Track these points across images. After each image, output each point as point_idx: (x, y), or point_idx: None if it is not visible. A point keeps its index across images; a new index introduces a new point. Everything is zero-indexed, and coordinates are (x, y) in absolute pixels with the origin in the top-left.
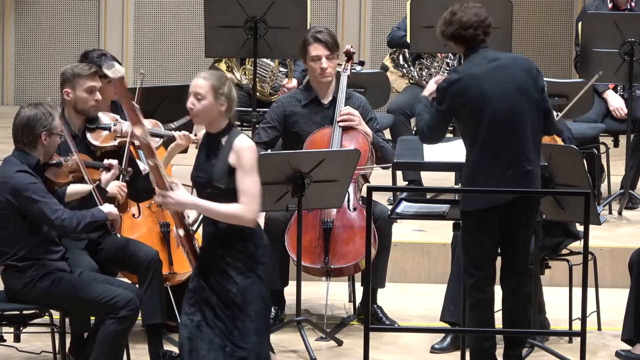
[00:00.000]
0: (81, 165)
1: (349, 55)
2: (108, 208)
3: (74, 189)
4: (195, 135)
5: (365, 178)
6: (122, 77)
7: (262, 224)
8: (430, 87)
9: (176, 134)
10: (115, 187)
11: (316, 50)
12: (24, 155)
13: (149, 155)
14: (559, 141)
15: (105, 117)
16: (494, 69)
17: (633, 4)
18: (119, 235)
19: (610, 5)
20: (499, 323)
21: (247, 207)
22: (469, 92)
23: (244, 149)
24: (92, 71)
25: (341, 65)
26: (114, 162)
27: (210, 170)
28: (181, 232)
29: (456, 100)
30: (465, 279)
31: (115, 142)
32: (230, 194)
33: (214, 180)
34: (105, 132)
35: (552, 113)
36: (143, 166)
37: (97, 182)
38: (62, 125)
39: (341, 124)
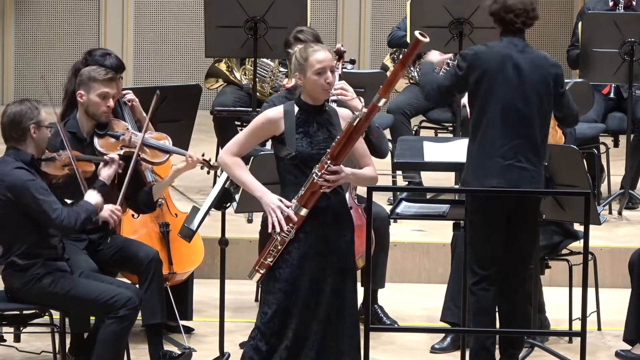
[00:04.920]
0: (72, 159)
1: (340, 54)
2: (93, 198)
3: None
4: (203, 155)
5: None
6: None
7: (258, 224)
8: (434, 56)
9: (187, 155)
10: (107, 211)
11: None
12: (17, 152)
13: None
14: (560, 134)
15: (116, 125)
16: (518, 56)
17: (634, 3)
18: (100, 223)
19: (611, 3)
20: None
21: (374, 167)
22: (488, 65)
23: (351, 114)
24: (107, 77)
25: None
26: (115, 156)
27: (334, 140)
28: (305, 212)
29: (474, 71)
30: (468, 277)
31: (121, 152)
32: None
33: None
34: (113, 140)
35: (566, 107)
36: (152, 177)
37: (92, 175)
38: (59, 123)
39: (334, 97)
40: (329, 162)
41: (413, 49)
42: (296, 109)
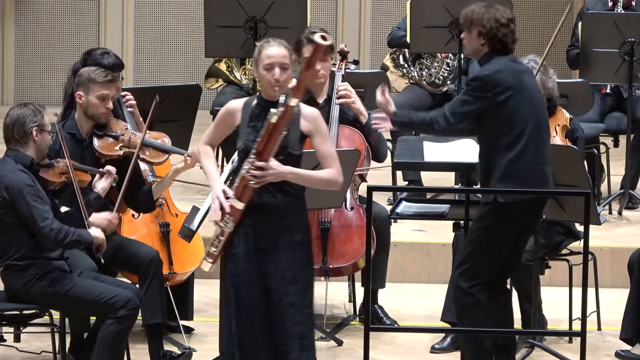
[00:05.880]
0: (70, 167)
1: (343, 55)
2: (95, 232)
3: None
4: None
5: (362, 177)
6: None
7: None
8: (382, 100)
9: (185, 154)
10: (105, 220)
11: (309, 52)
12: (18, 154)
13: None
14: (565, 140)
15: (115, 125)
16: (527, 71)
17: (633, 3)
18: (102, 261)
19: (610, 3)
20: None
21: (338, 171)
22: (512, 83)
23: (316, 115)
24: (107, 79)
25: (335, 64)
26: (112, 169)
27: (283, 138)
28: (242, 206)
29: (502, 89)
30: (463, 279)
31: (120, 152)
32: (297, 160)
33: (288, 147)
34: (112, 141)
35: None
36: (152, 179)
37: (88, 185)
38: (58, 127)
39: (339, 100)
40: (253, 157)
41: (315, 52)
42: (255, 102)
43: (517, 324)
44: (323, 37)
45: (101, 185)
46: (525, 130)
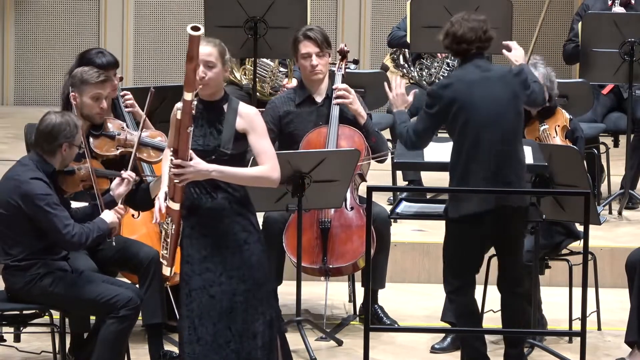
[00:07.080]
0: (92, 174)
1: (343, 54)
2: (109, 217)
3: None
4: None
5: (362, 177)
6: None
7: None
8: (399, 100)
9: None
10: (111, 211)
11: (306, 47)
12: (42, 161)
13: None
14: (559, 137)
15: (111, 125)
16: (485, 79)
17: (632, 1)
18: (114, 244)
19: (609, 2)
20: (493, 323)
21: (271, 167)
22: (460, 97)
23: (252, 114)
24: (100, 79)
25: (335, 64)
26: (132, 175)
27: (215, 137)
28: (177, 206)
29: (447, 104)
30: (444, 285)
31: (117, 152)
32: (234, 160)
33: (220, 146)
34: (109, 140)
35: (537, 99)
36: (151, 178)
37: (106, 191)
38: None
39: (336, 101)
40: (171, 156)
41: (191, 45)
42: (195, 103)
43: None
44: (194, 28)
45: (119, 191)
46: (467, 140)
